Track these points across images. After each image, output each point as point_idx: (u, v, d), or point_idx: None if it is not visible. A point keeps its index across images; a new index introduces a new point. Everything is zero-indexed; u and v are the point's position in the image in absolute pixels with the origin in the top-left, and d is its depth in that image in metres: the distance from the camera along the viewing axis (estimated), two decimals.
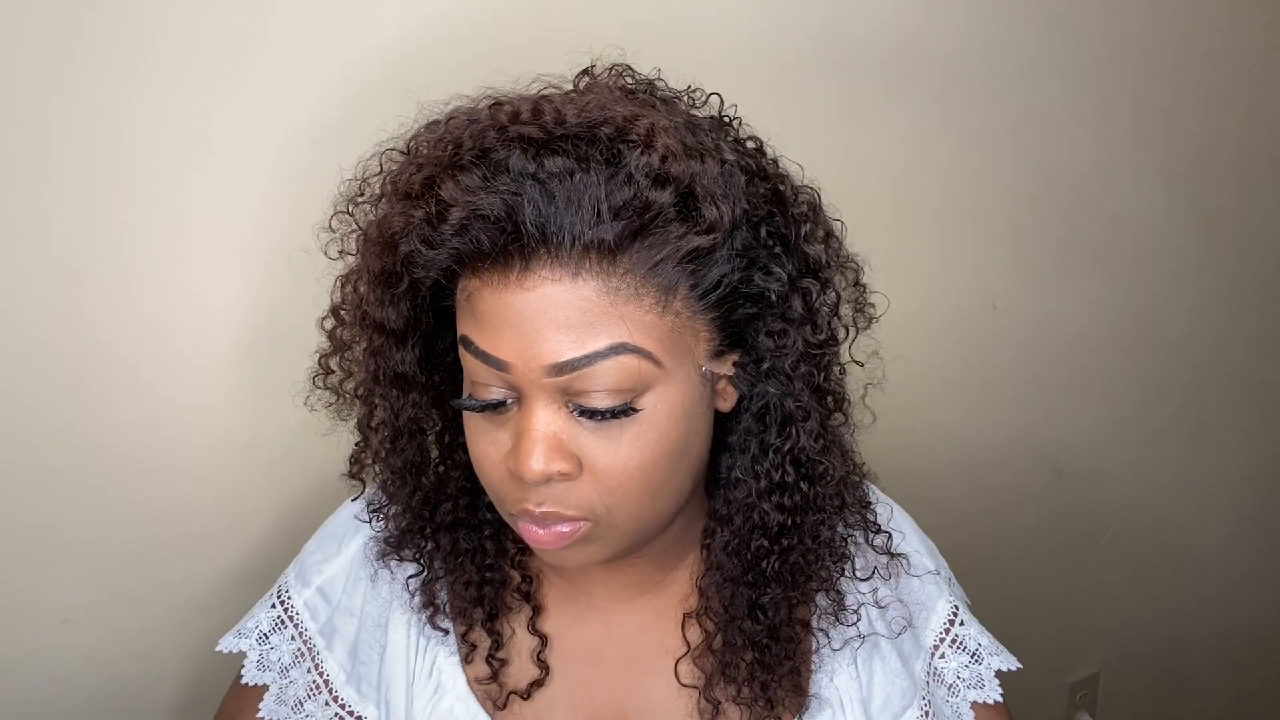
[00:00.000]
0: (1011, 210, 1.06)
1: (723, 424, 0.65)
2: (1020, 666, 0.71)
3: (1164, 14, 1.04)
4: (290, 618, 0.72)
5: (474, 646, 0.70)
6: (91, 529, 0.81)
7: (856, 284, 0.65)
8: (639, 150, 0.55)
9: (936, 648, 0.73)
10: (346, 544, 0.74)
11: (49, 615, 0.82)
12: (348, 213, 0.64)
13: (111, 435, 0.81)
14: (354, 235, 0.64)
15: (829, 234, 0.64)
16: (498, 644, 0.69)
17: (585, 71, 0.63)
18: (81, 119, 0.73)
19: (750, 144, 0.63)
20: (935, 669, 0.73)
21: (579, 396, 0.56)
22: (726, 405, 0.63)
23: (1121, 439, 1.17)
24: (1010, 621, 0.88)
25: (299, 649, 0.71)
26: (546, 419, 0.57)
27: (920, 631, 0.73)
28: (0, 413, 0.77)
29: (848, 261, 0.65)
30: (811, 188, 0.64)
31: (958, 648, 0.73)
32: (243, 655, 0.71)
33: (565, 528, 0.60)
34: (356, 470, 0.69)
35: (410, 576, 0.71)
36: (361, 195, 0.64)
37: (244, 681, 0.71)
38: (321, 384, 0.68)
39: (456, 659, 0.69)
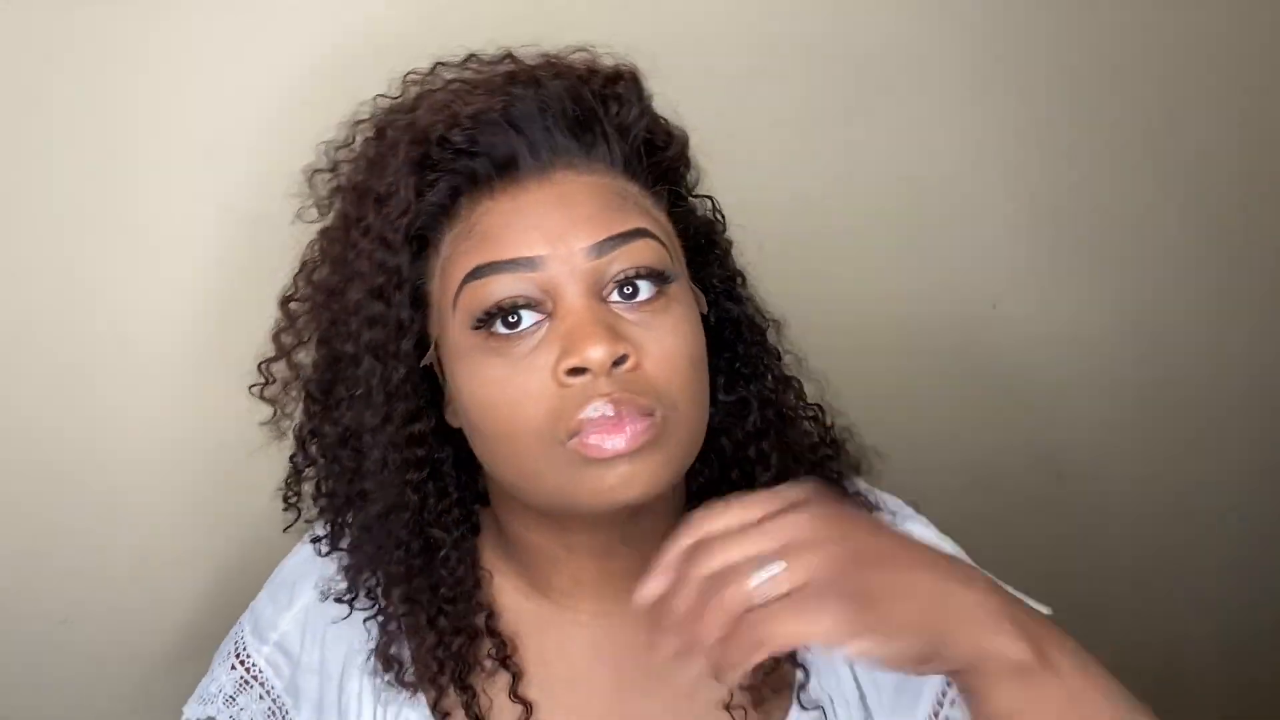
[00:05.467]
0: (1011, 210, 1.06)
1: None
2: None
3: (1165, 14, 1.04)
4: (254, 676, 0.68)
5: (446, 715, 0.64)
6: (92, 529, 0.81)
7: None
8: (610, 77, 0.63)
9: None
10: (299, 593, 0.70)
11: (49, 615, 0.82)
12: (331, 170, 0.67)
13: (111, 433, 0.81)
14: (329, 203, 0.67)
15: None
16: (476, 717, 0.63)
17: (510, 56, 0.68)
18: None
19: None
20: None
21: (614, 282, 0.57)
22: None
23: (1121, 439, 1.17)
24: None
25: (269, 708, 0.68)
26: (593, 306, 0.56)
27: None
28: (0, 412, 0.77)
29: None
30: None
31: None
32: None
33: (642, 422, 0.54)
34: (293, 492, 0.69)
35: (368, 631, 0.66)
36: (341, 155, 0.66)
37: None
38: (266, 372, 0.69)
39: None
